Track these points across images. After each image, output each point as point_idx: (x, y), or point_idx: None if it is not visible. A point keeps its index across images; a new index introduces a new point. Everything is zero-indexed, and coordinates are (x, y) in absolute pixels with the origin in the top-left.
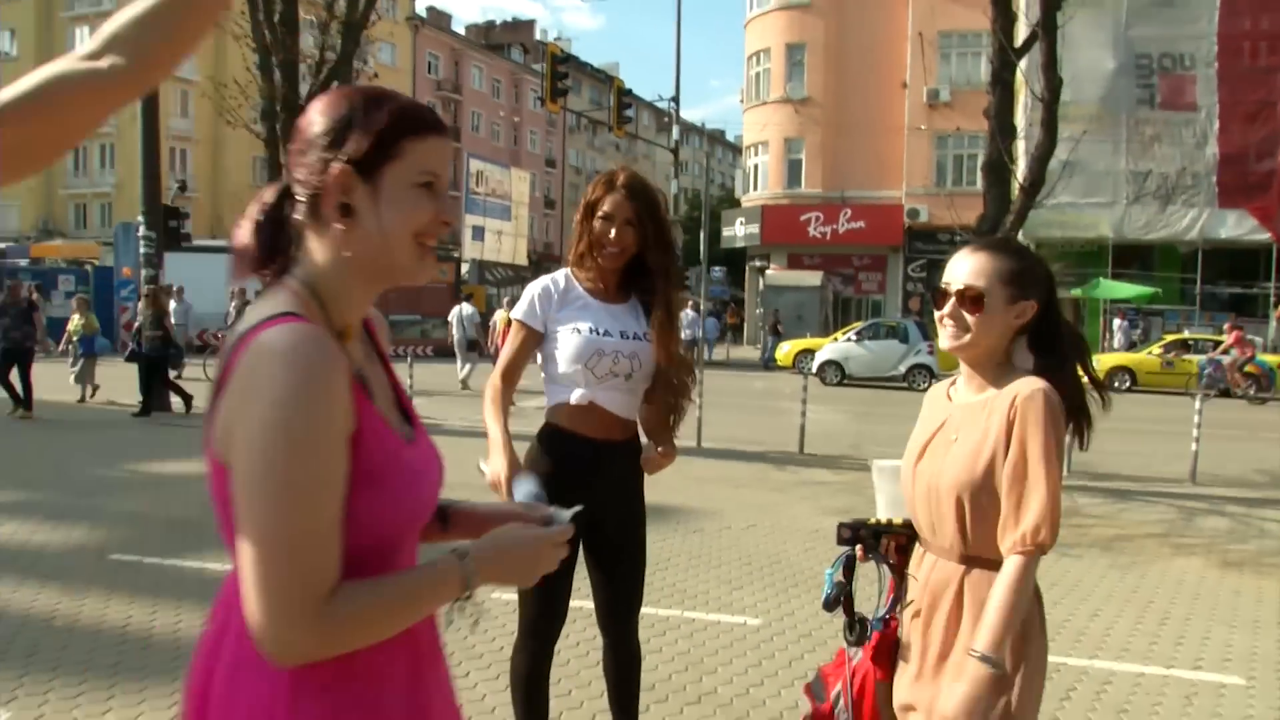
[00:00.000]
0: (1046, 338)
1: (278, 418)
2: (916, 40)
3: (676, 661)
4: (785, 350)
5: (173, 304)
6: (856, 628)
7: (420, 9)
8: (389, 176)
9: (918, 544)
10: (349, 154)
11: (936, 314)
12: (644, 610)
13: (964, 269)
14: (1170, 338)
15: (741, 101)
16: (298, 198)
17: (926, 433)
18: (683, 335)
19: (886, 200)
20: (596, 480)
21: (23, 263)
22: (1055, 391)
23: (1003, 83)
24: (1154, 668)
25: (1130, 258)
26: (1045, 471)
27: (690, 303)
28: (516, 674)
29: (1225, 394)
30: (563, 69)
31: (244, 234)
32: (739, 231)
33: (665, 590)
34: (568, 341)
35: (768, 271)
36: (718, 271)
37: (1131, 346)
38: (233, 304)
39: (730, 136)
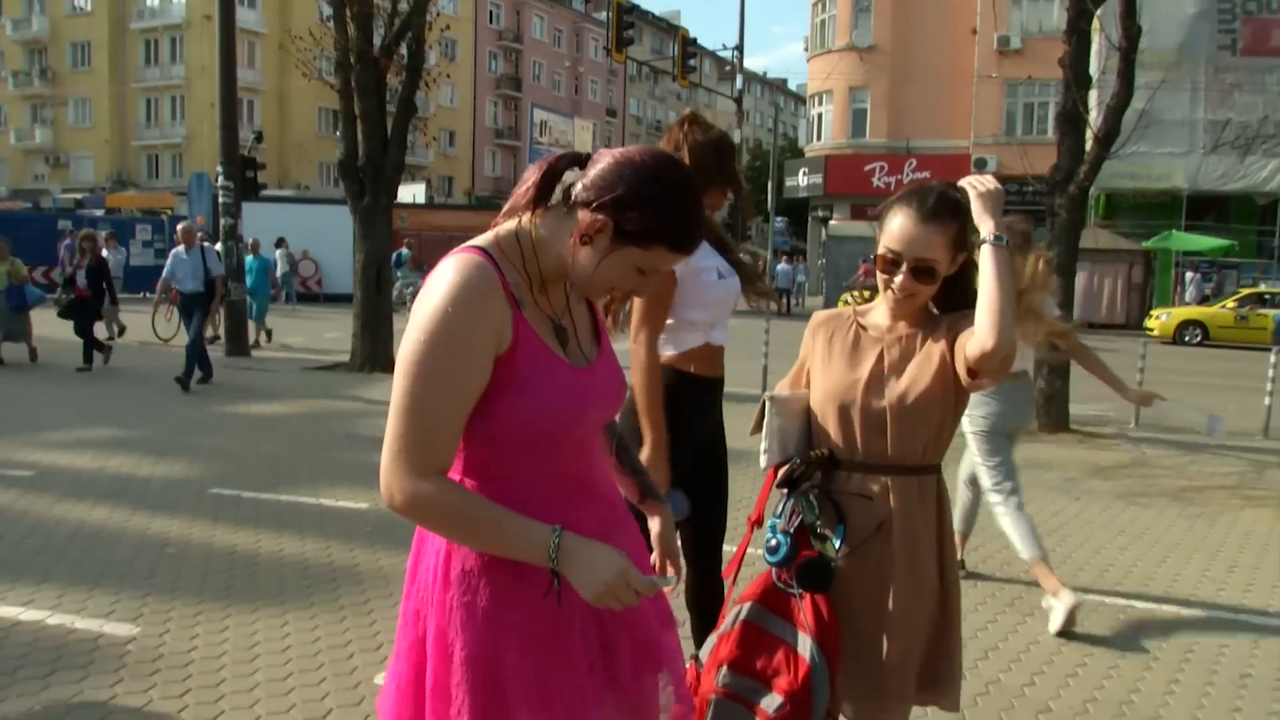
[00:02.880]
0: (960, 280)
1: (428, 318)
2: None
3: None
4: (847, 300)
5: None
6: (819, 572)
7: None
8: (627, 251)
9: (839, 471)
10: (621, 222)
11: (882, 277)
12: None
13: (917, 241)
14: (1245, 291)
15: (805, 50)
16: (577, 193)
17: (860, 359)
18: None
19: (953, 150)
20: (709, 418)
21: (99, 213)
22: None
23: (1079, 31)
24: (1222, 612)
25: (1205, 209)
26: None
27: (784, 256)
28: None
29: None
30: (627, 19)
31: (533, 173)
32: (802, 182)
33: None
34: (710, 290)
35: (831, 222)
36: (780, 222)
37: (1204, 300)
38: (277, 252)
39: (793, 85)
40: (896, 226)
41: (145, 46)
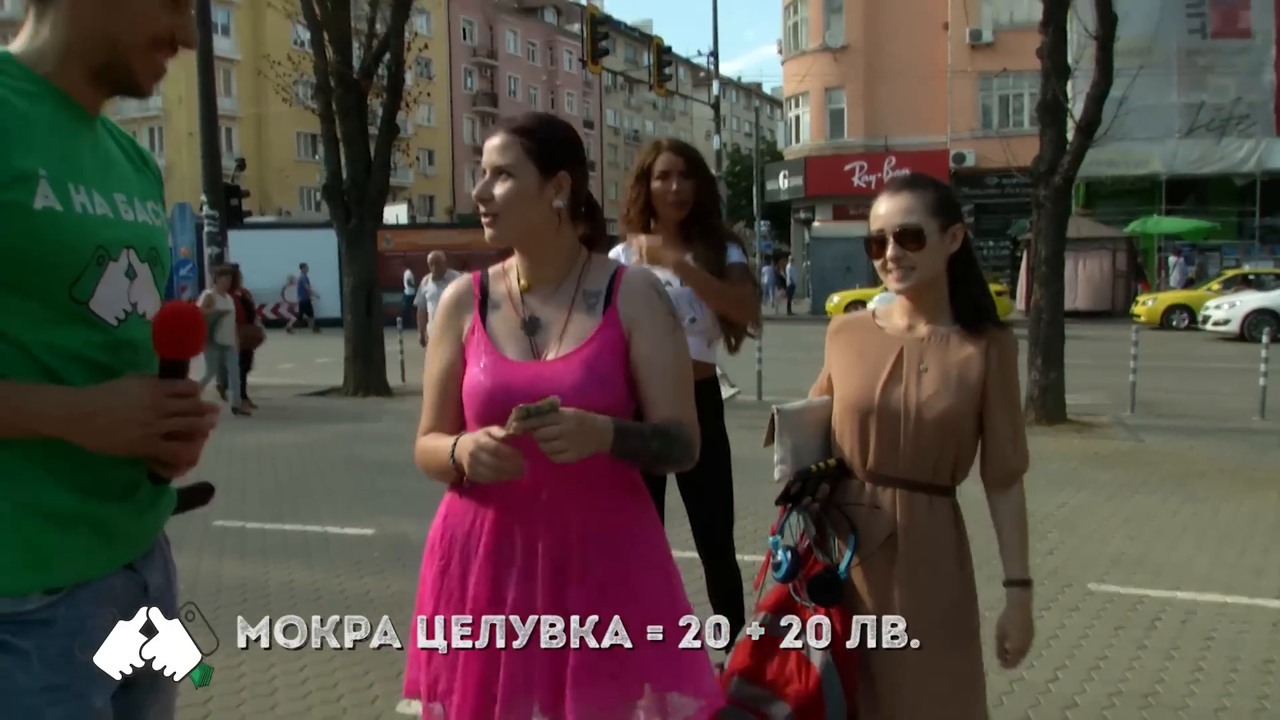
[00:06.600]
0: (964, 260)
1: None
2: None
3: None
4: (835, 301)
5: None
6: (827, 586)
7: None
8: None
9: (852, 481)
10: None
11: (876, 262)
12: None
13: (894, 210)
14: (1231, 273)
15: (780, 53)
16: None
17: (879, 363)
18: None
19: (931, 146)
20: None
21: None
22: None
23: (1055, 24)
24: (1238, 597)
25: (1184, 193)
26: (1019, 407)
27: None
28: None
29: None
30: (601, 30)
31: None
32: (782, 185)
33: (751, 537)
34: None
35: (814, 224)
36: (762, 226)
37: (1189, 284)
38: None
39: (768, 88)
40: (875, 211)
41: None
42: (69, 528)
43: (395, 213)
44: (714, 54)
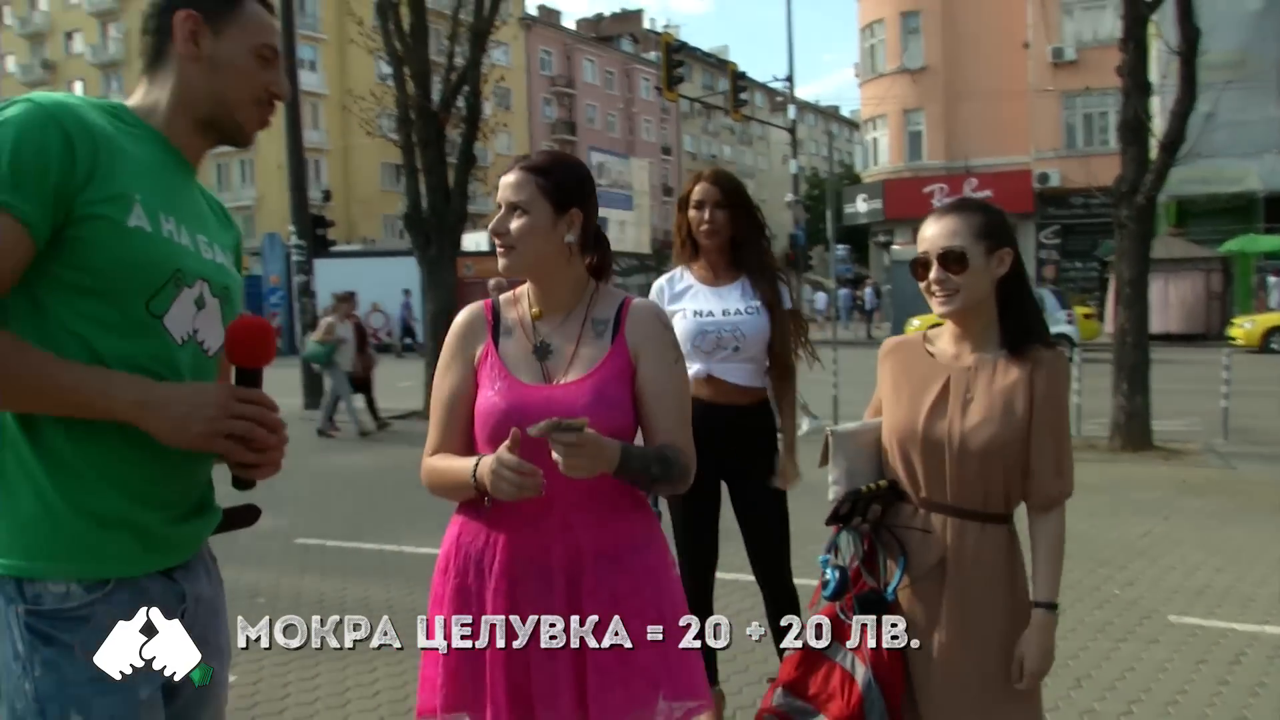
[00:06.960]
0: (1014, 284)
1: None
2: None
3: None
4: (915, 324)
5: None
6: (874, 606)
7: (530, 8)
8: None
9: (905, 504)
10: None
11: (921, 285)
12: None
13: (938, 233)
14: None
15: (857, 76)
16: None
17: (924, 391)
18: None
19: (1013, 166)
20: (725, 439)
21: None
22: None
23: (1135, 40)
24: None
25: None
26: (1065, 431)
27: (834, 285)
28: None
29: None
30: (677, 57)
31: None
32: (861, 208)
33: (812, 561)
34: (678, 326)
35: (893, 247)
36: (841, 250)
37: None
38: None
39: (846, 111)
40: (921, 234)
41: None
42: (110, 528)
43: (475, 240)
44: (789, 78)
